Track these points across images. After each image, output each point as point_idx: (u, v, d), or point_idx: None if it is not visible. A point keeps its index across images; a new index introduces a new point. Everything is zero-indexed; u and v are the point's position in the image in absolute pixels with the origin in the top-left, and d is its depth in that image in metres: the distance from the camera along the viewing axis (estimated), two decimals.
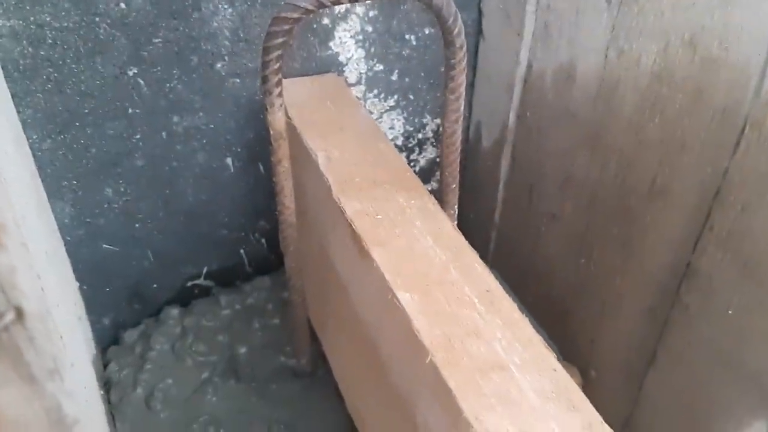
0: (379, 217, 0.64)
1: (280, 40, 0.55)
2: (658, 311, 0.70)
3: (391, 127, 0.96)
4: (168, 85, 0.79)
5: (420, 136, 0.99)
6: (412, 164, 1.01)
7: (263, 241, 0.98)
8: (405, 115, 0.96)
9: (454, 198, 0.70)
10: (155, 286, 0.95)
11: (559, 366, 0.50)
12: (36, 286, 0.51)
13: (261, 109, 0.87)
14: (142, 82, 0.78)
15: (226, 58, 0.80)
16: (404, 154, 1.00)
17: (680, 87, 0.61)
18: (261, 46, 0.58)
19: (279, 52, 0.56)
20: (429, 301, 0.56)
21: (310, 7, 0.52)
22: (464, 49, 0.58)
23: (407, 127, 0.97)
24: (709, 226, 0.61)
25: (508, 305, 0.56)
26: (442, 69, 0.94)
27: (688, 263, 0.64)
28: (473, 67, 0.94)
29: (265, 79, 0.59)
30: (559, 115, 0.78)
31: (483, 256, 1.05)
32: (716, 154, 0.59)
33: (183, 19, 0.76)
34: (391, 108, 0.94)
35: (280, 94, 0.62)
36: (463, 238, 0.63)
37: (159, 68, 0.78)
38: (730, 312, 0.61)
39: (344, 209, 0.65)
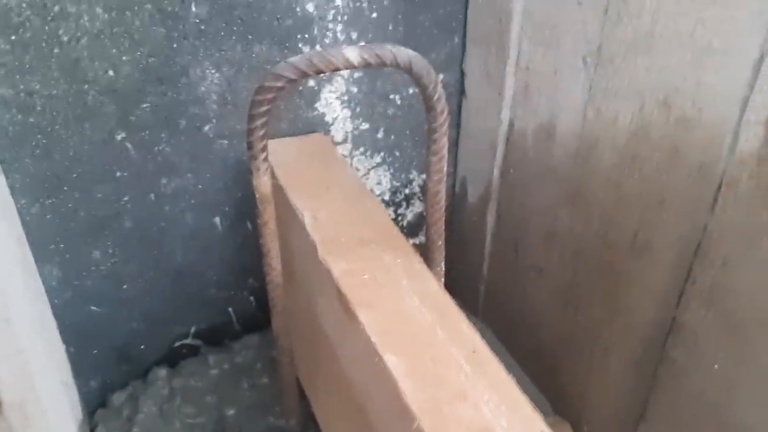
0: (365, 276, 0.65)
1: (264, 107, 0.57)
2: (645, 365, 0.70)
3: (378, 183, 0.97)
4: (156, 148, 0.80)
5: (407, 191, 1.01)
6: (399, 218, 1.02)
7: (252, 298, 0.98)
8: (391, 171, 0.97)
9: (440, 255, 0.71)
10: (143, 346, 0.94)
11: (546, 429, 0.50)
12: (18, 370, 0.50)
13: (248, 169, 0.88)
14: (130, 146, 0.79)
15: (214, 120, 0.82)
16: (392, 208, 1.01)
17: (657, 145, 0.62)
18: (247, 109, 0.59)
19: (264, 119, 0.58)
20: (416, 363, 0.56)
21: (293, 77, 0.54)
22: (445, 113, 0.59)
23: (394, 182, 0.99)
24: (692, 281, 0.62)
25: (494, 366, 0.56)
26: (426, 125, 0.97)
27: (673, 318, 0.65)
28: (457, 125, 0.96)
29: (250, 145, 0.60)
30: (541, 172, 0.79)
31: (473, 310, 1.06)
32: (695, 211, 0.60)
33: (171, 84, 0.77)
34: (378, 165, 0.95)
35: (265, 159, 0.63)
36: (449, 298, 0.64)
37: (147, 132, 0.79)
38: (716, 366, 0.61)
39: (331, 269, 0.65)
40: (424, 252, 0.72)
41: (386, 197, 0.99)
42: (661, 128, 0.61)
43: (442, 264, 0.73)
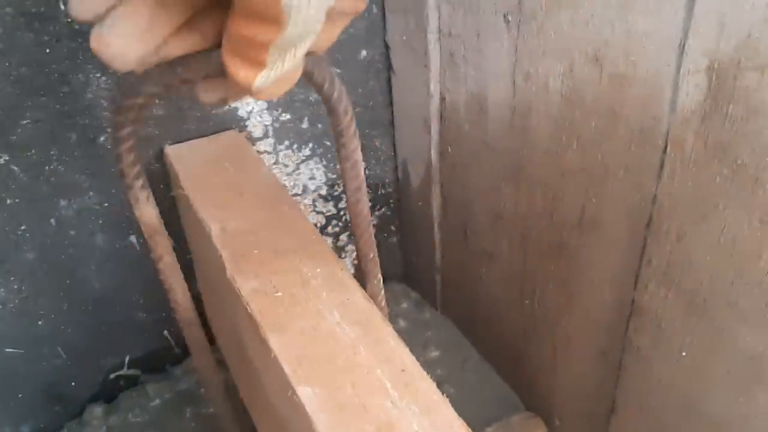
0: (278, 294, 0.56)
1: (128, 129, 0.45)
2: (610, 355, 0.63)
3: (312, 177, 0.89)
4: (47, 168, 0.71)
5: None
6: (341, 213, 0.94)
7: None
8: (324, 162, 0.89)
9: (375, 267, 0.61)
10: (73, 384, 0.86)
11: None
12: None
13: (160, 176, 0.80)
14: (16, 168, 0.70)
15: (109, 129, 0.73)
16: (331, 203, 0.93)
17: (592, 109, 0.54)
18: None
19: (131, 141, 0.47)
20: (334, 393, 0.48)
21: (159, 92, 0.42)
22: (350, 112, 0.49)
23: (329, 174, 0.90)
24: (647, 259, 0.54)
25: (425, 386, 0.48)
26: (356, 109, 0.88)
27: (633, 300, 0.57)
28: (390, 104, 0.88)
29: (121, 173, 0.49)
30: (479, 148, 0.71)
31: (432, 302, 0.98)
32: (641, 180, 0.52)
33: (51, 95, 0.68)
34: (308, 157, 0.87)
35: (144, 186, 0.51)
36: (374, 308, 0.56)
37: (33, 151, 0.70)
38: (683, 354, 0.53)
39: (240, 289, 0.57)
40: (359, 263, 0.63)
41: (323, 192, 0.91)
42: (594, 89, 0.53)
43: (379, 276, 0.63)
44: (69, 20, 0.66)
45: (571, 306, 0.66)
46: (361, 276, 0.62)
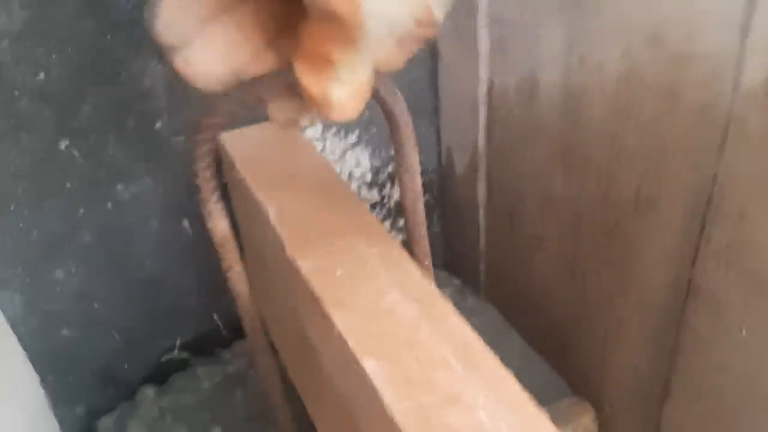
0: (338, 272, 0.58)
1: (207, 147, 0.48)
2: (665, 337, 0.63)
3: (357, 164, 0.90)
4: (105, 153, 0.73)
5: (389, 169, 0.93)
6: (384, 199, 0.95)
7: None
8: (370, 150, 0.90)
9: (429, 276, 0.61)
10: (126, 366, 0.88)
11: (552, 428, 0.43)
12: None
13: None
14: (76, 153, 0.72)
15: (165, 116, 0.75)
16: (375, 189, 0.94)
17: (651, 89, 0.54)
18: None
19: (209, 158, 0.50)
20: (399, 366, 0.49)
21: (235, 110, 0.44)
22: (410, 125, 0.50)
23: (374, 162, 0.91)
24: (706, 238, 0.54)
25: (490, 360, 0.49)
26: (401, 94, 0.89)
27: (690, 281, 0.57)
28: (435, 91, 0.88)
29: (199, 188, 0.52)
30: (529, 132, 0.71)
31: (475, 289, 0.98)
32: (701, 159, 0.52)
33: (110, 81, 0.70)
34: (354, 144, 0.88)
35: (218, 200, 0.55)
36: (433, 286, 0.56)
37: (92, 137, 0.72)
38: (743, 333, 0.54)
39: (299, 268, 0.58)
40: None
41: (368, 179, 0.92)
42: (653, 69, 0.53)
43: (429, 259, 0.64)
44: (129, 7, 0.68)
45: (624, 288, 0.66)
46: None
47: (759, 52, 0.45)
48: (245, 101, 0.42)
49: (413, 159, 0.53)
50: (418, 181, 0.55)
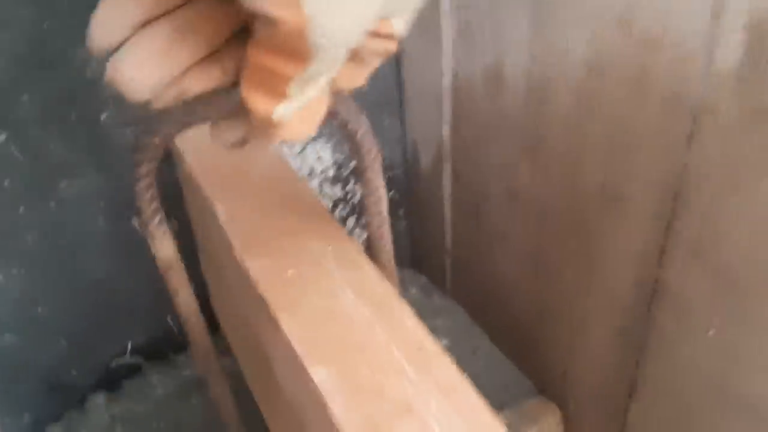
0: (289, 273, 0.54)
1: (146, 167, 0.45)
2: (631, 335, 0.60)
3: (319, 158, 0.86)
4: (47, 147, 0.69)
5: (353, 164, 0.90)
6: (348, 196, 0.92)
7: None
8: (332, 143, 0.86)
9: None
10: (74, 372, 0.84)
11: None
12: None
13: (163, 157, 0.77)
14: (14, 148, 0.67)
15: (111, 107, 0.70)
16: (339, 185, 0.90)
17: (618, 76, 0.51)
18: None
19: (149, 179, 0.46)
20: (350, 374, 0.46)
21: (172, 129, 0.41)
22: (375, 150, 0.47)
23: (336, 155, 0.88)
24: (674, 233, 0.52)
25: (445, 365, 0.46)
26: (363, 89, 0.85)
27: (656, 279, 0.55)
28: (399, 84, 0.85)
29: (138, 210, 0.48)
30: (494, 124, 0.69)
31: (441, 286, 0.96)
32: (670, 148, 0.50)
33: (51, 71, 0.66)
34: (314, 138, 0.84)
35: (161, 222, 0.50)
36: (389, 285, 0.53)
37: (32, 130, 0.68)
38: (710, 333, 0.51)
39: (248, 269, 0.55)
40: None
41: (330, 173, 0.88)
42: (620, 54, 0.51)
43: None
44: None
45: (590, 285, 0.64)
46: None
47: (731, 36, 0.42)
48: (188, 121, 0.39)
49: (378, 183, 0.50)
50: (384, 206, 0.52)
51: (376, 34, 0.34)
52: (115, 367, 0.86)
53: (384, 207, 0.52)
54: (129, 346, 0.86)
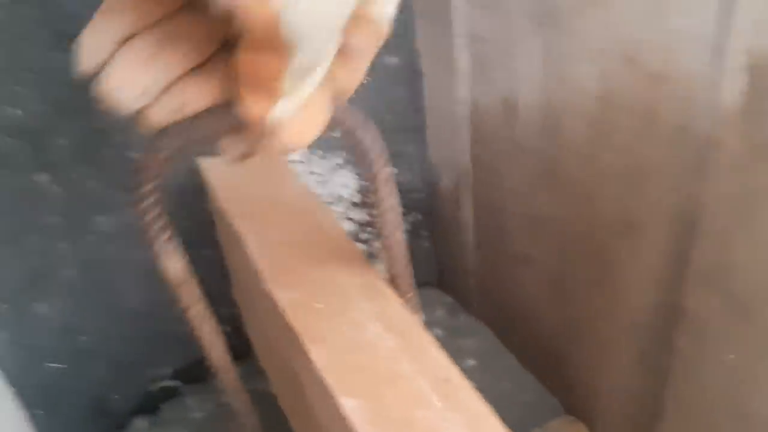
0: (318, 305, 0.57)
1: (149, 186, 0.45)
2: (653, 358, 0.62)
3: (345, 186, 0.89)
4: (84, 185, 0.73)
5: None
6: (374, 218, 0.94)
7: (227, 328, 0.90)
8: (357, 171, 0.89)
9: (414, 307, 0.59)
10: (117, 396, 0.87)
11: None
12: None
13: (192, 189, 0.80)
14: (54, 187, 0.71)
15: (142, 145, 0.74)
16: (365, 210, 0.93)
17: (629, 109, 0.53)
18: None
19: (154, 197, 0.46)
20: (378, 404, 0.48)
21: (179, 147, 0.40)
22: (383, 158, 0.47)
23: (361, 182, 0.90)
24: (690, 261, 0.53)
25: (469, 396, 0.48)
26: (385, 116, 0.88)
27: (675, 304, 0.56)
28: (420, 110, 0.87)
29: (145, 228, 0.49)
30: (511, 151, 0.70)
31: (466, 306, 0.97)
32: (682, 181, 0.51)
33: (86, 113, 0.69)
34: (340, 166, 0.87)
35: (169, 239, 0.51)
36: (414, 317, 0.55)
37: (69, 170, 0.71)
38: (731, 357, 0.52)
39: (277, 301, 0.57)
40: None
41: (356, 199, 0.91)
42: (630, 89, 0.52)
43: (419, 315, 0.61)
44: None
45: (611, 309, 0.65)
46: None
47: (733, 73, 0.44)
48: (191, 137, 0.39)
49: (388, 190, 0.50)
50: (396, 215, 0.52)
51: (361, 19, 0.33)
52: (154, 391, 0.89)
53: (396, 215, 0.51)
54: (168, 371, 0.89)
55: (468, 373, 0.93)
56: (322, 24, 0.31)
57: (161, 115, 0.36)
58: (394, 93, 0.85)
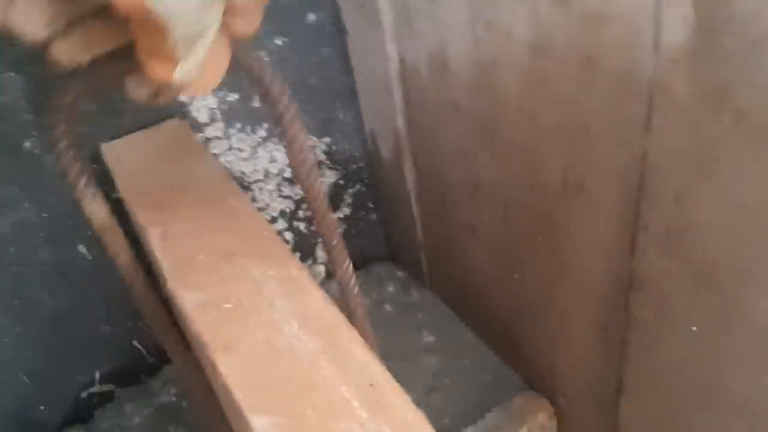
0: (227, 306, 0.50)
1: (62, 127, 0.45)
2: (611, 330, 0.56)
3: (273, 161, 0.81)
4: None
5: None
6: None
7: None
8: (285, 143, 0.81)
9: (342, 252, 0.55)
10: (42, 407, 0.80)
11: None
12: None
13: (101, 177, 0.72)
14: None
15: (35, 133, 0.65)
16: (298, 185, 0.85)
17: (564, 56, 0.46)
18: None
19: (67, 139, 0.46)
20: (295, 421, 0.41)
21: (88, 86, 0.42)
22: (286, 93, 0.45)
23: None
24: (643, 225, 0.47)
25: (398, 401, 0.42)
26: (311, 80, 0.79)
27: (631, 271, 0.50)
28: (349, 71, 0.79)
29: (63, 172, 0.48)
30: (446, 112, 0.63)
31: (420, 280, 0.91)
32: (628, 135, 0.44)
33: None
34: (264, 139, 0.79)
35: (88, 184, 0.49)
36: (336, 311, 0.49)
37: None
38: (694, 328, 0.47)
39: (183, 303, 0.50)
40: (326, 251, 0.56)
41: (286, 174, 0.83)
42: (564, 33, 0.45)
43: (348, 261, 0.56)
44: None
45: (564, 279, 0.59)
46: (331, 264, 0.56)
47: (678, 7, 0.37)
48: (97, 79, 0.41)
49: (297, 127, 0.47)
50: (308, 153, 0.50)
51: None
52: (86, 398, 0.82)
53: (309, 153, 0.50)
54: (97, 375, 0.82)
55: (426, 351, 0.88)
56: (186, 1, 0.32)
57: (68, 51, 0.37)
58: (318, 54, 0.77)
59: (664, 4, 0.37)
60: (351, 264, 0.57)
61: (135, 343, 0.83)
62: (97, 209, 0.51)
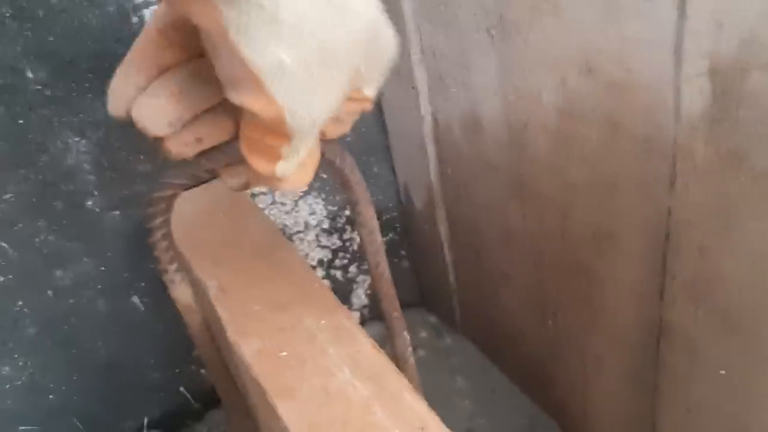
0: (284, 354, 0.53)
1: (160, 219, 0.49)
2: (643, 375, 0.59)
3: (312, 213, 0.86)
4: (36, 240, 0.69)
5: (347, 212, 0.89)
6: (347, 244, 0.91)
7: (203, 371, 0.87)
8: (323, 196, 0.86)
9: (401, 325, 0.59)
10: None
11: None
12: None
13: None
14: (5, 245, 0.68)
15: (96, 193, 0.70)
16: (335, 235, 0.90)
17: (592, 120, 0.50)
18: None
19: (164, 229, 0.50)
20: None
21: (186, 183, 0.45)
22: (363, 183, 0.51)
23: (329, 207, 0.87)
24: (670, 274, 0.50)
25: None
26: (348, 137, 0.84)
27: (660, 318, 0.53)
28: (383, 127, 0.84)
29: (157, 259, 0.52)
30: (478, 167, 0.68)
31: (451, 326, 0.94)
32: (653, 192, 0.48)
33: (31, 165, 0.66)
34: (305, 193, 0.84)
35: (178, 269, 0.54)
36: (385, 358, 0.52)
37: (20, 225, 0.68)
38: (722, 372, 0.49)
39: (242, 353, 0.54)
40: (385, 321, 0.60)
41: (325, 225, 0.87)
42: (591, 99, 0.49)
43: (405, 335, 0.60)
44: (38, 87, 0.64)
45: (596, 325, 0.62)
46: (389, 334, 0.60)
47: (697, 79, 0.41)
48: (196, 173, 0.43)
49: (370, 214, 0.53)
50: (378, 236, 0.54)
51: (350, 99, 0.38)
52: None
53: (378, 236, 0.54)
54: (146, 421, 0.85)
55: (459, 394, 0.91)
56: (318, 118, 0.35)
57: (180, 146, 0.40)
58: None
59: (683, 78, 0.42)
60: (408, 338, 0.60)
61: (182, 389, 0.87)
62: (182, 291, 0.55)
